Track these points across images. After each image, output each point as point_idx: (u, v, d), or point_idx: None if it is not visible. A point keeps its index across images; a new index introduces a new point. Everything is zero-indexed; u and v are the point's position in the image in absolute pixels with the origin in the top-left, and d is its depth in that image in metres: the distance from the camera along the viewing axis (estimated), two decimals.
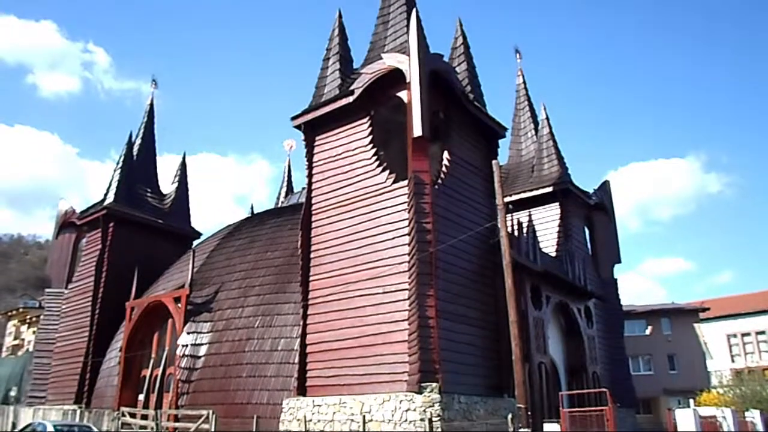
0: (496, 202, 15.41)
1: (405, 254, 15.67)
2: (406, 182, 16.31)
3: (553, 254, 24.69)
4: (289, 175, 39.01)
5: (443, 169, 17.57)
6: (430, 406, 14.13)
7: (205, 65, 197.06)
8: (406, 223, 15.92)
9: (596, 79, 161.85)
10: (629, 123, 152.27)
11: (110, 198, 29.38)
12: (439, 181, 17.10)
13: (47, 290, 32.04)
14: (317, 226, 18.20)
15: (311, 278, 17.75)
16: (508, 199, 23.31)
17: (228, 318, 20.79)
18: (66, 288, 29.90)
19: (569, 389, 21.05)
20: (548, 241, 25.74)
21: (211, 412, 17.72)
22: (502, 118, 20.51)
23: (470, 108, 19.01)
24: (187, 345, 20.50)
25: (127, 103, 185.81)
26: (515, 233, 19.36)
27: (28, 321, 62.22)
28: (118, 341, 24.67)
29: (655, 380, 35.98)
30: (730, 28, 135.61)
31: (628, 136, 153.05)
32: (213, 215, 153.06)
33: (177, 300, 21.93)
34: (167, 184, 33.49)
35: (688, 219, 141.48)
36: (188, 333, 20.80)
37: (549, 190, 26.79)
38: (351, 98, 18.04)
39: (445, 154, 17.88)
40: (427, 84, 16.40)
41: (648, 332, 38.19)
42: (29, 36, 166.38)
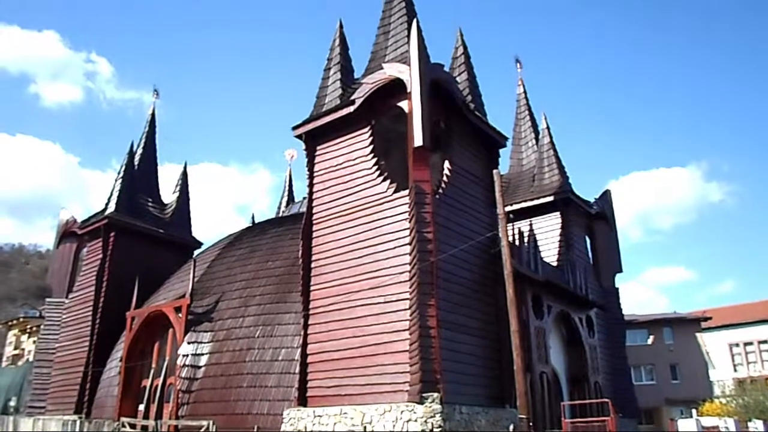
0: (497, 211, 15.42)
1: (406, 264, 15.64)
2: (407, 192, 16.30)
3: (555, 263, 24.67)
4: (290, 185, 39.02)
5: (444, 178, 17.56)
6: (431, 417, 14.05)
7: (207, 75, 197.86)
8: (407, 232, 15.89)
9: (597, 88, 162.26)
10: (630, 132, 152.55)
11: (111, 207, 29.38)
12: (440, 191, 17.09)
13: (48, 300, 31.95)
14: (318, 235, 18.19)
15: (312, 288, 17.71)
16: (509, 208, 23.34)
17: (229, 328, 20.73)
18: (67, 297, 29.83)
19: (571, 399, 20.97)
20: (549, 251, 25.72)
21: (211, 422, 17.65)
22: (502, 127, 20.57)
23: (471, 117, 19.04)
24: (187, 355, 20.43)
25: (129, 112, 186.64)
26: (516, 243, 19.35)
27: (28, 330, 62.09)
28: (119, 351, 24.60)
29: (657, 390, 35.83)
30: (732, 36, 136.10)
31: (629, 146, 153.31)
32: (214, 225, 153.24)
33: (178, 310, 21.88)
34: (168, 194, 33.49)
35: (689, 228, 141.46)
36: (189, 343, 20.74)
37: (550, 199, 26.80)
38: (352, 108, 18.06)
39: (446, 164, 17.88)
40: (428, 94, 16.42)
41: (650, 342, 38.07)
42: (32, 46, 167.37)
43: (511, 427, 14.36)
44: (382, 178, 17.31)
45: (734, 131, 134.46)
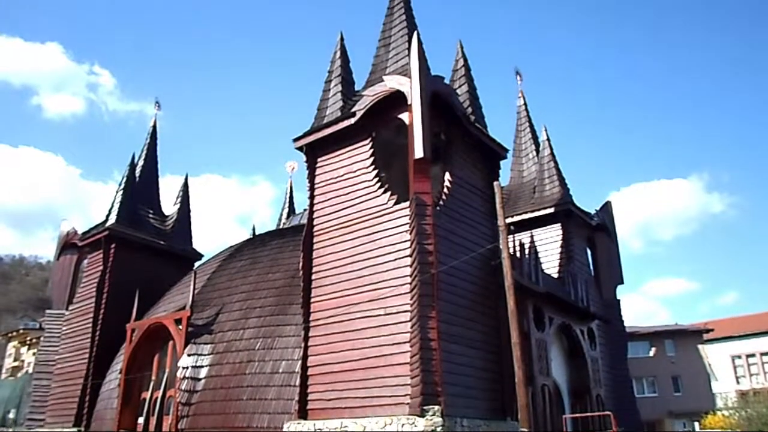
0: (498, 223, 15.40)
1: (407, 275, 15.62)
2: (407, 203, 16.31)
3: (556, 275, 24.60)
4: (291, 197, 39.06)
5: (445, 190, 17.59)
6: (432, 430, 13.96)
7: (209, 87, 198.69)
8: (408, 244, 15.88)
9: (598, 100, 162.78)
10: (631, 143, 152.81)
11: (112, 219, 29.37)
12: (441, 203, 17.10)
13: (48, 311, 31.85)
14: (319, 247, 18.18)
15: (313, 300, 17.67)
16: (509, 220, 23.32)
17: (229, 340, 20.66)
18: (67, 309, 29.73)
19: (573, 412, 20.84)
20: (550, 263, 25.67)
21: None
22: (503, 139, 20.60)
23: (471, 129, 19.09)
24: (187, 367, 20.34)
25: (131, 124, 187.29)
26: (517, 254, 19.31)
27: (28, 342, 62.01)
28: (119, 363, 24.50)
29: (659, 402, 35.64)
30: (733, 47, 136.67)
31: (630, 157, 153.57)
32: (215, 236, 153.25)
33: (178, 322, 21.81)
34: (169, 206, 33.48)
35: (690, 239, 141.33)
36: (189, 355, 20.66)
37: (551, 211, 26.79)
38: (352, 120, 18.12)
39: (447, 176, 17.91)
40: (429, 106, 16.48)
41: (652, 354, 37.92)
42: (35, 58, 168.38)
43: None
44: (382, 189, 17.33)
45: (736, 142, 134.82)
